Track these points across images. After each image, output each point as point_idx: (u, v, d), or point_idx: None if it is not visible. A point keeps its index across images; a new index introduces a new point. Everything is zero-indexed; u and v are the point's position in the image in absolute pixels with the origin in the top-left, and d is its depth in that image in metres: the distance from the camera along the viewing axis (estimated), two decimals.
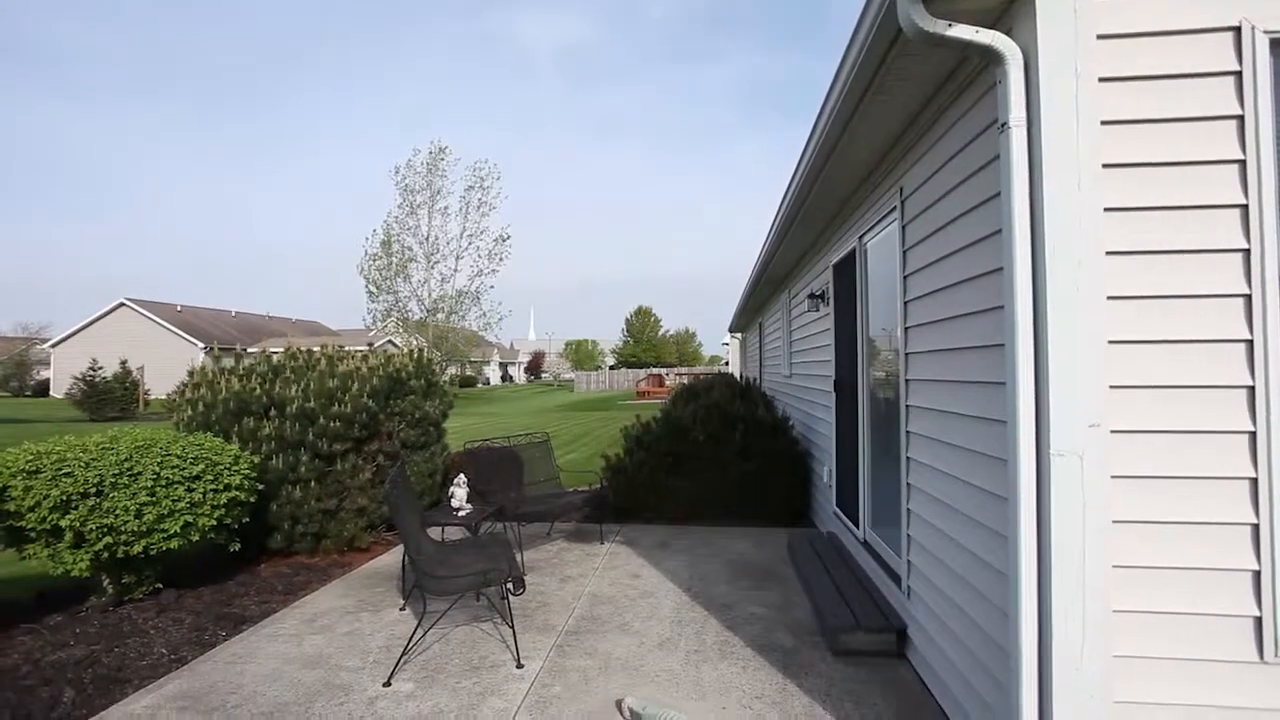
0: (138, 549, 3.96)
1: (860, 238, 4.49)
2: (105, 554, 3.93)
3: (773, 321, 10.06)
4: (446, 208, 31.59)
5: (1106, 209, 1.97)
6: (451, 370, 32.84)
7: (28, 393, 38.10)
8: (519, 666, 3.38)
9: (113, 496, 3.92)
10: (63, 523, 3.82)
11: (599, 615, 4.09)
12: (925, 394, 3.18)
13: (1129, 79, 1.99)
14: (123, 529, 3.90)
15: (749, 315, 13.29)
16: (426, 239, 31.15)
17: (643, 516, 6.60)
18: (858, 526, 4.59)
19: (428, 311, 31.02)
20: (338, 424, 5.35)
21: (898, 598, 3.60)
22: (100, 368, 22.53)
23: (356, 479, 5.48)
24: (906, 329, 3.46)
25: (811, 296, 6.13)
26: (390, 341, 32.59)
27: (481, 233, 31.56)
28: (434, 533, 5.09)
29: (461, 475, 5.16)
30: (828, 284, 5.57)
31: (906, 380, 3.45)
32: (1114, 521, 1.95)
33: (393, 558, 5.36)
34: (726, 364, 38.38)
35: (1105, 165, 1.97)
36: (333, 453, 5.37)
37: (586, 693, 3.12)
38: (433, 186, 31.25)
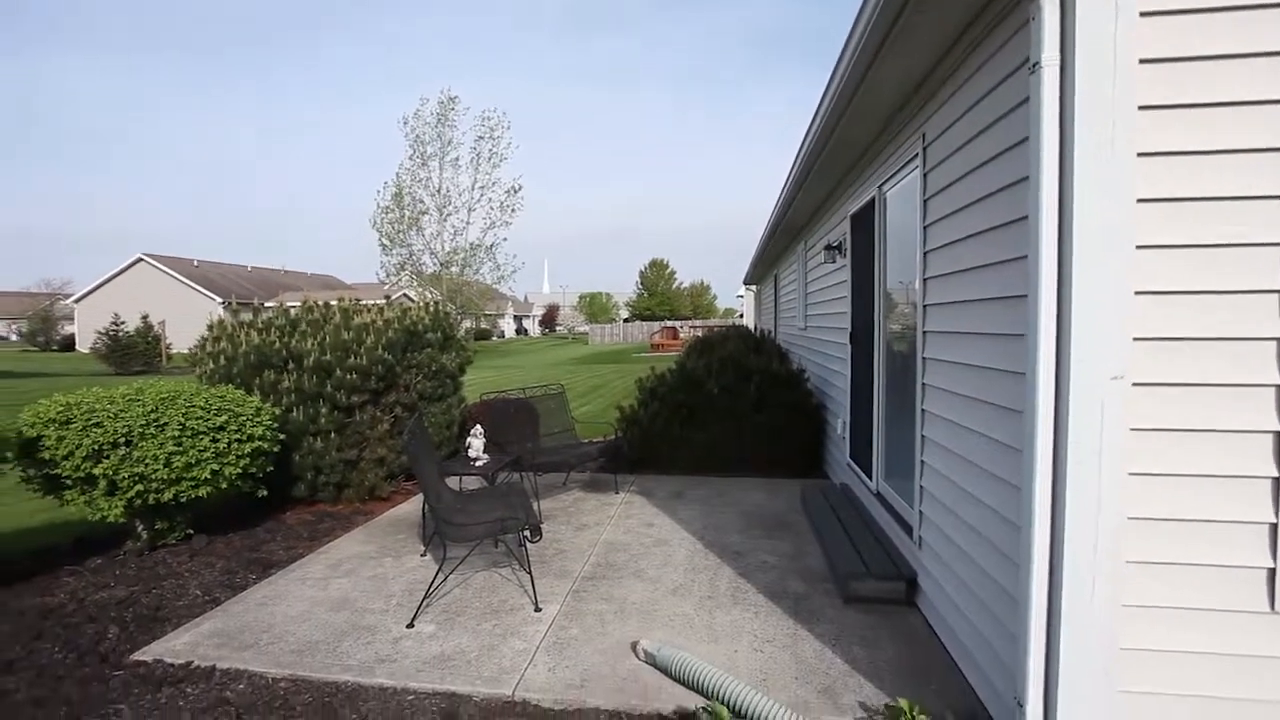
0: (168, 496, 4.10)
1: (880, 186, 4.38)
2: (138, 501, 4.07)
3: (788, 274, 9.94)
4: (457, 159, 31.18)
5: (1140, 154, 1.89)
6: (466, 323, 32.94)
7: (54, 347, 38.91)
8: (537, 610, 3.49)
9: (142, 446, 4.03)
10: (96, 471, 3.95)
11: (614, 562, 4.19)
12: (943, 346, 3.15)
13: (1173, 12, 1.89)
14: (152, 477, 4.03)
15: (764, 267, 13.14)
16: (438, 191, 30.88)
17: (657, 467, 6.69)
18: (871, 478, 4.63)
19: (441, 265, 30.97)
20: (354, 376, 5.42)
21: (909, 547, 3.64)
22: (123, 322, 22.89)
23: (375, 430, 5.58)
24: (925, 280, 3.40)
25: (828, 248, 6.03)
26: (405, 295, 32.70)
27: (493, 184, 31.20)
28: (452, 482, 5.21)
29: (478, 426, 5.24)
30: (845, 235, 5.47)
31: (924, 332, 3.41)
32: (1131, 474, 1.94)
33: (413, 506, 5.50)
34: (741, 316, 38.17)
35: (1142, 107, 1.88)
36: (351, 404, 5.46)
37: (603, 635, 3.22)
38: (443, 137, 30.79)
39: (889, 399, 4.33)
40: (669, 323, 49.40)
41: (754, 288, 19.23)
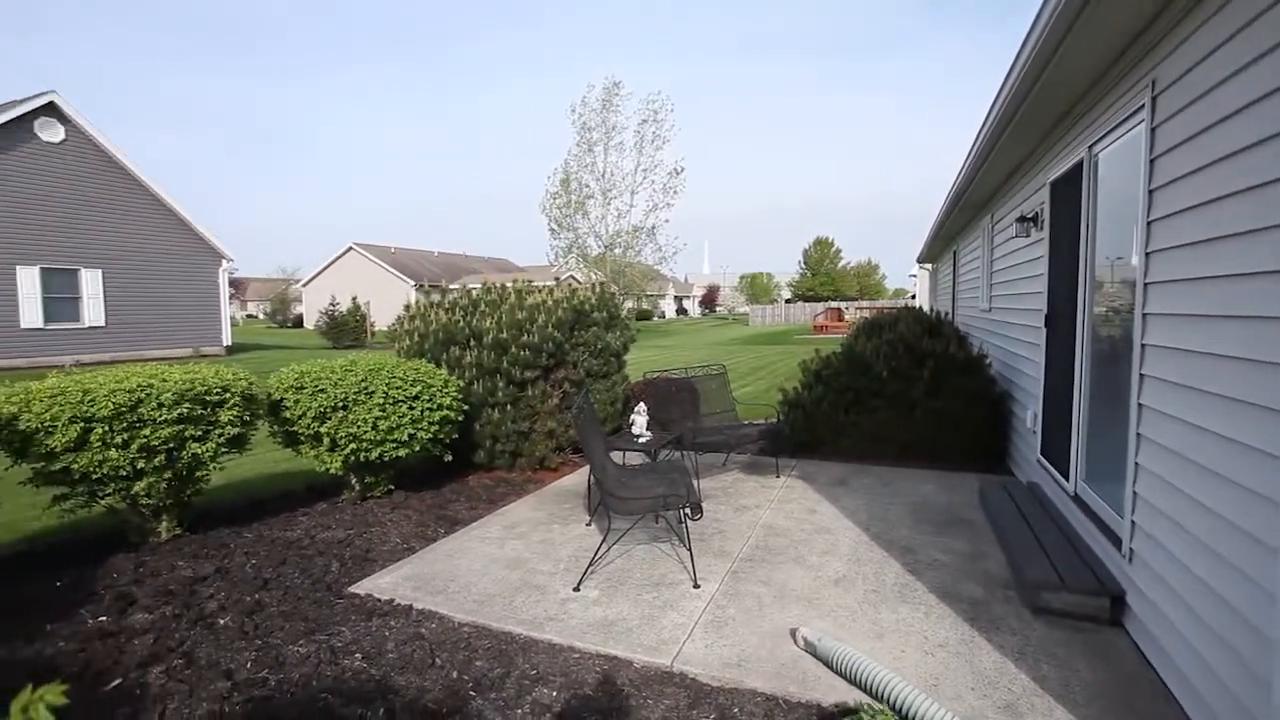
0: (374, 455, 4.70)
1: (1090, 148, 3.81)
2: (352, 457, 4.71)
3: (969, 250, 9.05)
4: (621, 143, 31.95)
5: None
6: (629, 304, 33.92)
7: (289, 325, 46.11)
8: (695, 587, 3.54)
9: (354, 410, 4.65)
10: (321, 430, 4.63)
11: (774, 546, 4.13)
12: (1171, 331, 2.69)
13: None
14: (363, 437, 4.64)
15: (942, 244, 12.08)
16: (603, 175, 31.88)
17: (820, 452, 6.47)
18: (1067, 478, 4.11)
19: (605, 247, 32.10)
20: (527, 353, 5.80)
21: (1115, 560, 3.20)
22: (337, 303, 26.50)
23: (545, 404, 5.95)
24: (1148, 254, 2.92)
25: (1021, 220, 5.39)
26: (573, 277, 34.35)
27: (655, 166, 31.60)
28: (615, 457, 5.41)
29: (641, 404, 5.39)
30: (1042, 205, 4.85)
31: (1144, 315, 2.94)
32: None
33: (578, 478, 5.81)
34: (913, 297, 35.52)
35: None
36: (524, 379, 5.86)
37: (760, 618, 3.20)
38: (607, 123, 31.61)
39: (1094, 391, 3.81)
40: (833, 303, 47.30)
41: (929, 266, 17.76)
